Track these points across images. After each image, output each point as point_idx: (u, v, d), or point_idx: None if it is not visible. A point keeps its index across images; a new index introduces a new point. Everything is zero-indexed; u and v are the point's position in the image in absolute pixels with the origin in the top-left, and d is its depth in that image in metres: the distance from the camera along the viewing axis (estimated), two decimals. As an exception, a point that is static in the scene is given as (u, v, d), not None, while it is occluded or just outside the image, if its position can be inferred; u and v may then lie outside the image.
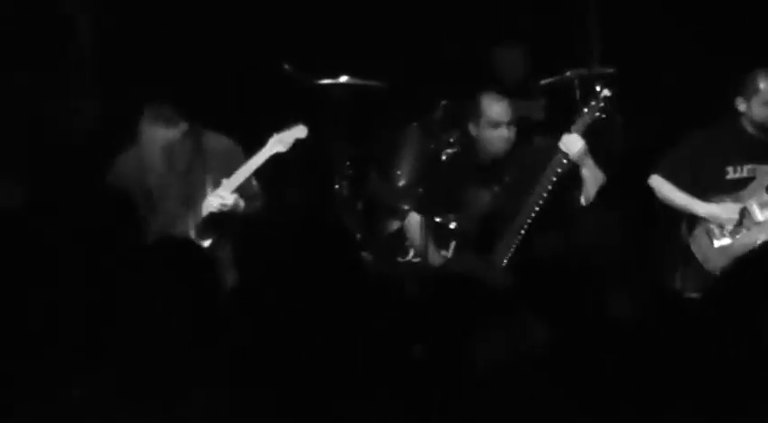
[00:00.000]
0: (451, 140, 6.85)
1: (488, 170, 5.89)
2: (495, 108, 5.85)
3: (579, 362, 3.33)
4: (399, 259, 6.65)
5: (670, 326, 3.61)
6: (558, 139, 5.81)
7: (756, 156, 5.97)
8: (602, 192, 5.88)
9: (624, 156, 6.69)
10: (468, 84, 7.03)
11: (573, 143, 5.67)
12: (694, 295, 5.66)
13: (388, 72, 7.14)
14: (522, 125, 6.06)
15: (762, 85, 5.87)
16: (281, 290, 3.22)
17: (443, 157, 6.82)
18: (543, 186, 5.70)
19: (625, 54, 7.12)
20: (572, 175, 5.77)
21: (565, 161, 5.69)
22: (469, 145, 6.00)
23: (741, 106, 5.95)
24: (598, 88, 5.71)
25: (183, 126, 5.78)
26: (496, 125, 5.83)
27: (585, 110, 5.72)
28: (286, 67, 6.95)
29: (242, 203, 5.79)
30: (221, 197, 5.75)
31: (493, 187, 5.89)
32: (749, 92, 5.91)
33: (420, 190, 6.52)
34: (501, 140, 5.86)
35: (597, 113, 5.69)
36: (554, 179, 5.70)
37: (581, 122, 5.69)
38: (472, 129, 5.91)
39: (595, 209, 5.96)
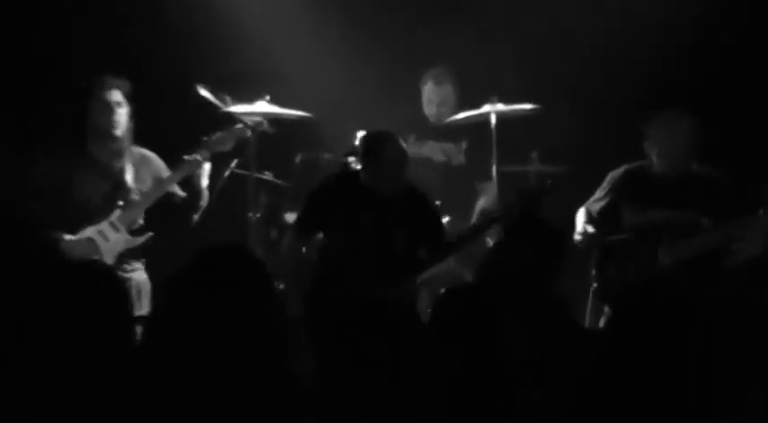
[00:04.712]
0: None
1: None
2: (396, 154, 6.06)
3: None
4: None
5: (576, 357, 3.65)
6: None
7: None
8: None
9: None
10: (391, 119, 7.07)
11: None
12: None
13: (308, 102, 7.12)
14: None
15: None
16: (190, 320, 3.17)
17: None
18: None
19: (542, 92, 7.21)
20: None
21: None
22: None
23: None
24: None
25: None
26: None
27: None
28: (202, 91, 6.82)
29: (138, 240, 6.19)
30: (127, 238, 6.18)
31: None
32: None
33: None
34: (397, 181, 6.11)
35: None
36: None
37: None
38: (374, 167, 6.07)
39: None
